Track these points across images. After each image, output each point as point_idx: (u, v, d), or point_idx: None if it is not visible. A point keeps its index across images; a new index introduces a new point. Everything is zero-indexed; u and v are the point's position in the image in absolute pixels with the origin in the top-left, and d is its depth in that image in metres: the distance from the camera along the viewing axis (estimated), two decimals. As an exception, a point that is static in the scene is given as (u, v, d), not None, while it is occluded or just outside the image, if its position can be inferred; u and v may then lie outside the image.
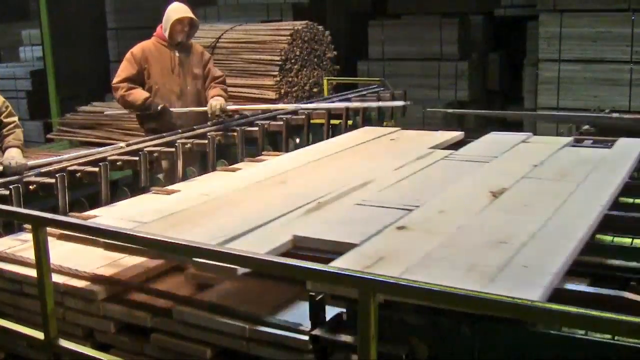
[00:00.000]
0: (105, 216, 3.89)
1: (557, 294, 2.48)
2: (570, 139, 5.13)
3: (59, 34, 12.67)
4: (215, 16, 14.41)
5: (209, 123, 6.46)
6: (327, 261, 2.65)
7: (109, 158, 5.24)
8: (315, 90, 10.28)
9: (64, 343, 3.07)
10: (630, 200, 3.95)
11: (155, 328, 3.04)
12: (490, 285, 2.42)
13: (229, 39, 10.65)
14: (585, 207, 3.35)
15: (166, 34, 6.52)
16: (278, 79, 9.83)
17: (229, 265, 2.71)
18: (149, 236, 2.80)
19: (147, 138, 5.89)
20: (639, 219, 3.51)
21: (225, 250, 2.70)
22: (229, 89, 10.01)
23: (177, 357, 2.99)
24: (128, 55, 6.60)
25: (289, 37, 10.03)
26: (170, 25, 6.48)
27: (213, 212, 3.56)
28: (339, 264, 2.63)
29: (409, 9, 14.53)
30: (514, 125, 13.79)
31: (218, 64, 10.32)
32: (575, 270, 2.89)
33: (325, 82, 10.16)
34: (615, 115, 6.31)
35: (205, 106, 6.51)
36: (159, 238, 2.79)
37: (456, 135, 5.48)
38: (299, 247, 3.07)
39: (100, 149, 5.41)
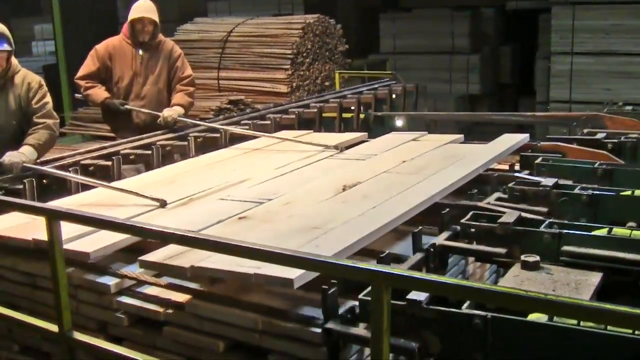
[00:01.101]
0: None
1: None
2: (458, 136, 5.41)
3: (71, 28, 12.69)
4: (227, 10, 14.44)
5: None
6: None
7: (121, 152, 5.27)
8: (327, 83, 10.29)
9: (78, 335, 3.08)
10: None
11: (168, 321, 3.05)
12: None
13: (240, 33, 10.65)
14: (413, 197, 3.68)
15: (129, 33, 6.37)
16: (290, 72, 9.84)
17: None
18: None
19: (158, 132, 5.89)
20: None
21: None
22: (240, 82, 10.11)
23: (190, 350, 3.00)
24: (92, 51, 6.47)
25: (301, 31, 10.03)
26: (129, 24, 6.30)
27: (99, 207, 4.01)
28: (171, 247, 3.08)
29: (420, 2, 14.52)
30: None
31: (230, 57, 10.38)
32: (588, 264, 2.91)
33: (336, 75, 10.16)
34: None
35: (164, 108, 6.21)
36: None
37: (359, 135, 5.80)
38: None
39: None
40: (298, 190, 4.05)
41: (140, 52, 6.38)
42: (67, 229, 3.25)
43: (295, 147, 5.38)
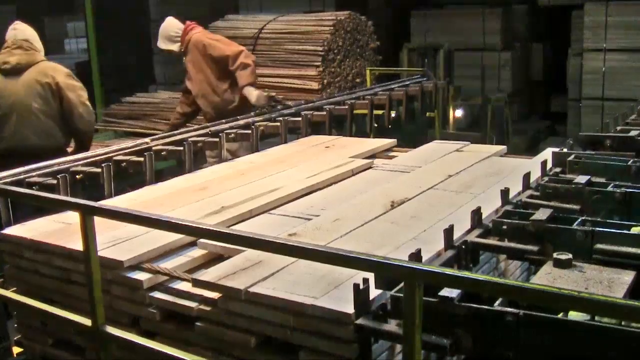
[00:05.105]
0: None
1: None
2: (501, 147, 5.35)
3: (104, 26, 12.80)
4: (258, 7, 14.46)
5: (252, 113, 6.54)
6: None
7: (153, 148, 5.30)
8: (358, 80, 10.28)
9: (111, 330, 3.11)
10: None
11: (200, 317, 3.07)
12: (332, 290, 2.80)
13: (271, 30, 10.67)
14: (463, 221, 3.42)
15: None
16: (321, 69, 9.83)
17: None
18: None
19: (191, 128, 5.97)
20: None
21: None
22: (271, 79, 10.13)
23: (222, 345, 3.02)
24: None
25: (332, 28, 10.01)
26: None
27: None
28: (224, 266, 3.12)
29: (451, -1, 14.48)
30: (558, 116, 13.70)
31: (261, 54, 10.39)
32: (622, 262, 2.88)
33: (367, 72, 10.15)
34: None
35: (219, 91, 7.27)
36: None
37: (389, 142, 5.74)
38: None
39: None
40: (345, 206, 4.00)
41: (183, 59, 7.37)
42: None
43: (326, 154, 5.35)
